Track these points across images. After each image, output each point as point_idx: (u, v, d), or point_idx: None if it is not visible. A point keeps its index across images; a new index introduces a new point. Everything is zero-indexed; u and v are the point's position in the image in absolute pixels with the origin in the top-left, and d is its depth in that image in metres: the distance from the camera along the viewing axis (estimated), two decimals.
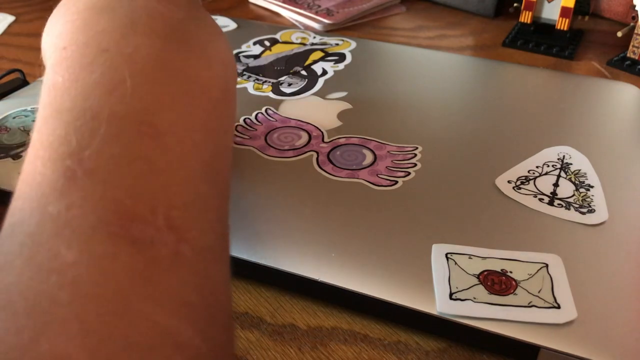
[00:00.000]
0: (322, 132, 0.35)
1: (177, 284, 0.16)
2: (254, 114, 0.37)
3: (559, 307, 0.24)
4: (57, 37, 0.21)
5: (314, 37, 0.48)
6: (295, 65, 0.44)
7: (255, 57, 0.45)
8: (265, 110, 0.38)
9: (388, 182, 0.31)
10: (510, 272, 0.25)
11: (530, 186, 0.31)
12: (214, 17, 0.52)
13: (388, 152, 0.33)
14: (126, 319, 0.14)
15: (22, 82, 0.42)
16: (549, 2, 0.49)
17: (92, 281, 0.14)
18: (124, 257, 0.15)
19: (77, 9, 0.21)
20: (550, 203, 0.30)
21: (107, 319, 0.14)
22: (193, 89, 0.20)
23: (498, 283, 0.25)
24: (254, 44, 0.47)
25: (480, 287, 0.25)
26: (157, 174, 0.17)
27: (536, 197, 0.30)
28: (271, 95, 0.40)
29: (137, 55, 0.19)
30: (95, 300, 0.14)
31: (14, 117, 0.37)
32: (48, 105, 0.19)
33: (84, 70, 0.19)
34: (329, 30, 0.54)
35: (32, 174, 0.17)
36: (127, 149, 0.17)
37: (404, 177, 0.31)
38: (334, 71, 0.42)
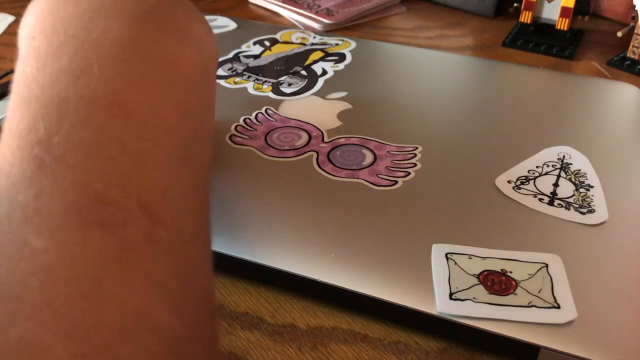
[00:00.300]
0: (322, 132, 0.35)
1: (152, 266, 0.15)
2: (254, 114, 0.37)
3: (559, 307, 0.24)
4: (26, 28, 0.20)
5: (314, 37, 0.48)
6: (295, 65, 0.44)
7: (255, 57, 0.45)
8: (265, 110, 0.38)
9: (388, 182, 0.31)
10: (510, 272, 0.25)
11: (530, 186, 0.31)
12: (214, 17, 0.52)
13: (388, 152, 0.33)
14: (98, 302, 0.14)
15: None
16: (549, 2, 0.49)
17: (62, 267, 0.14)
18: (95, 242, 0.15)
19: None
20: (550, 203, 0.30)
21: (78, 303, 0.14)
22: (166, 70, 0.20)
23: (498, 283, 0.25)
24: (254, 44, 0.47)
25: (480, 287, 0.25)
26: (129, 156, 0.17)
27: (536, 197, 0.30)
28: (271, 95, 0.40)
29: (105, 38, 0.19)
30: (66, 285, 0.14)
31: None
32: (16, 95, 0.18)
33: (51, 58, 0.18)
34: (329, 30, 0.54)
35: (2, 164, 0.17)
36: (96, 132, 0.17)
37: (404, 177, 0.31)
38: (334, 71, 0.42)
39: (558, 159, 0.33)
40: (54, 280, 0.14)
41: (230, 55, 0.45)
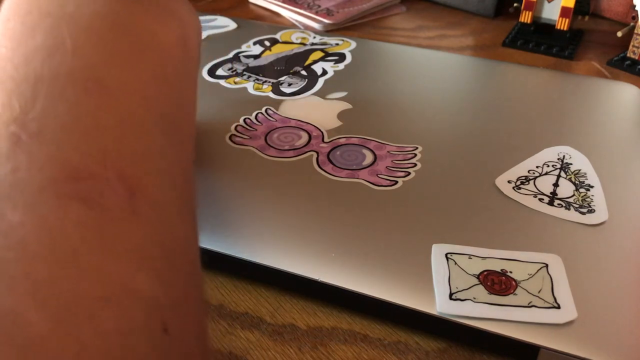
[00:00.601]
0: (322, 132, 0.35)
1: (132, 236, 0.15)
2: (254, 114, 0.37)
3: (559, 307, 0.24)
4: (2, 13, 0.20)
5: (314, 37, 0.48)
6: (295, 65, 0.44)
7: (255, 57, 0.45)
8: (265, 110, 0.38)
9: (388, 182, 0.31)
10: (510, 272, 0.25)
11: (530, 186, 0.31)
12: (214, 17, 0.52)
13: (388, 152, 0.33)
14: (77, 272, 0.14)
15: None
16: (549, 2, 0.49)
17: (39, 239, 0.14)
18: (73, 214, 0.15)
19: None
20: (550, 203, 0.30)
21: (56, 274, 0.14)
22: (143, 44, 0.20)
23: (498, 283, 0.25)
24: (254, 44, 0.47)
25: (480, 287, 0.25)
26: (106, 129, 0.17)
27: (536, 197, 0.30)
28: (271, 95, 0.40)
29: (79, 13, 0.19)
30: (44, 257, 0.14)
31: None
32: None
33: (25, 37, 0.18)
34: (329, 30, 0.54)
35: None
36: (72, 107, 0.17)
37: (404, 177, 0.31)
38: (334, 71, 0.42)
39: (558, 159, 0.33)
40: (31, 252, 0.14)
41: (230, 55, 0.45)
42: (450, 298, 0.24)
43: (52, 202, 0.15)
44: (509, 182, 0.31)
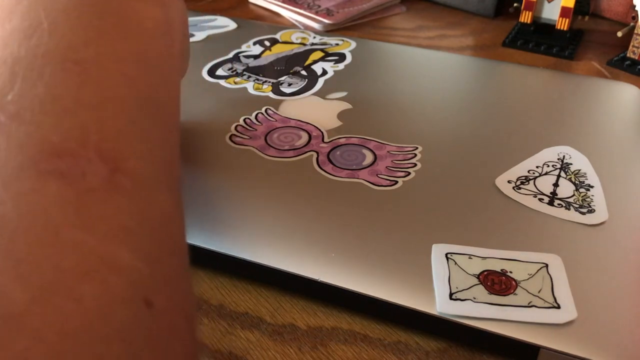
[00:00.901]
0: (322, 132, 0.35)
1: (113, 211, 0.16)
2: (254, 114, 0.37)
3: (559, 307, 0.24)
4: None
5: (314, 37, 0.48)
6: (295, 65, 0.44)
7: (255, 57, 0.45)
8: (265, 110, 0.38)
9: (388, 182, 0.31)
10: (510, 272, 0.25)
11: (530, 186, 0.31)
12: (214, 17, 0.52)
13: (388, 152, 0.33)
14: (57, 247, 0.14)
15: None
16: (549, 2, 0.49)
17: (19, 217, 0.14)
18: (53, 191, 0.15)
19: None
20: (550, 203, 0.30)
21: (36, 250, 0.14)
22: (124, 24, 0.20)
23: (498, 283, 0.25)
24: (254, 44, 0.47)
25: (480, 287, 0.25)
26: (85, 107, 0.17)
27: (536, 197, 0.30)
28: (271, 95, 0.40)
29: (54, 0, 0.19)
30: (24, 233, 0.14)
31: None
32: None
33: (2, 22, 0.18)
34: (329, 30, 0.54)
35: None
36: (50, 87, 0.17)
37: (404, 177, 0.31)
38: (334, 71, 0.42)
39: (558, 159, 0.33)
40: (10, 229, 0.14)
41: (230, 55, 0.45)
42: (450, 298, 0.24)
43: (32, 180, 0.15)
44: (509, 182, 0.31)
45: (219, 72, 0.42)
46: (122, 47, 0.19)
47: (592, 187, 0.31)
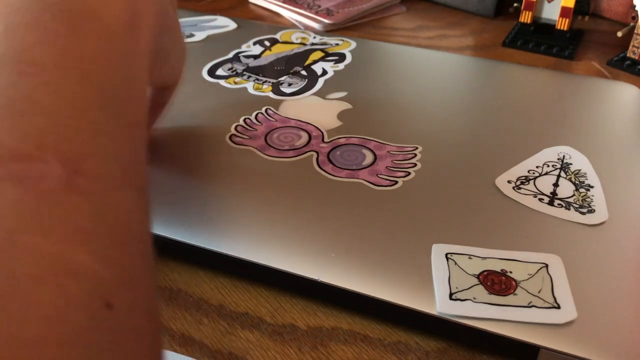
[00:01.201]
0: (322, 132, 0.35)
1: (72, 214, 0.15)
2: (254, 114, 0.37)
3: (559, 307, 0.24)
4: None
5: (314, 37, 0.48)
6: (295, 65, 0.44)
7: (255, 57, 0.45)
8: (265, 110, 0.38)
9: (388, 182, 0.31)
10: (510, 272, 0.25)
11: (530, 186, 0.31)
12: (214, 17, 0.52)
13: (388, 152, 0.33)
14: (11, 252, 0.14)
15: None
16: (549, 2, 0.49)
17: None
18: (9, 195, 0.15)
19: None
20: (550, 203, 0.30)
21: None
22: (82, 21, 0.19)
23: (498, 283, 0.25)
24: (254, 44, 0.47)
25: (480, 287, 0.25)
26: (42, 109, 0.17)
27: (536, 197, 0.30)
28: (271, 95, 0.40)
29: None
30: None
31: None
32: None
33: None
34: (329, 30, 0.54)
35: None
36: (6, 90, 0.17)
37: (404, 177, 0.31)
38: (334, 71, 0.42)
39: (558, 159, 0.33)
40: None
41: (230, 55, 0.45)
42: (450, 298, 0.24)
43: None
44: (509, 182, 0.31)
45: (219, 72, 0.42)
46: (79, 47, 0.19)
47: (592, 187, 0.31)
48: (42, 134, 0.16)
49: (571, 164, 0.32)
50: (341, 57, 0.44)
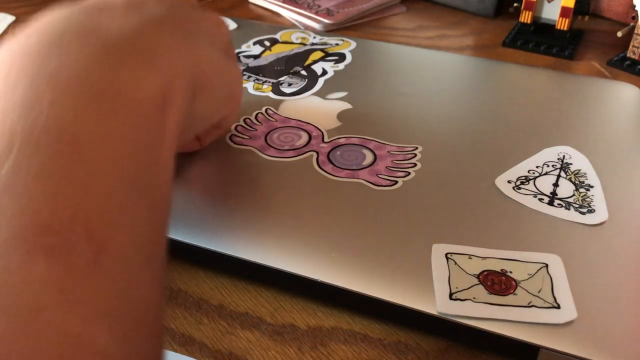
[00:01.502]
0: (322, 132, 0.35)
1: (94, 293, 0.16)
2: (254, 114, 0.37)
3: (559, 307, 0.24)
4: None
5: (314, 37, 0.48)
6: (295, 65, 0.44)
7: (255, 57, 0.45)
8: (265, 110, 0.38)
9: (388, 182, 0.31)
10: (510, 272, 0.25)
11: (530, 186, 0.31)
12: None
13: (388, 152, 0.33)
14: (38, 329, 0.14)
15: None
16: (549, 2, 0.49)
17: (2, 292, 0.14)
18: (38, 269, 0.15)
19: (13, 32, 0.21)
20: (550, 203, 0.30)
21: (17, 330, 0.14)
22: (116, 102, 0.20)
23: (498, 283, 0.25)
24: (254, 44, 0.47)
25: (480, 287, 0.25)
26: (76, 185, 0.17)
27: (536, 197, 0.30)
28: (271, 95, 0.40)
29: (60, 71, 0.19)
30: (6, 312, 0.14)
31: None
32: None
33: (4, 92, 0.19)
34: (329, 30, 0.54)
35: None
36: (44, 164, 0.17)
37: (404, 177, 0.31)
38: (334, 71, 0.42)
39: (558, 159, 0.33)
40: None
41: None
42: (450, 298, 0.24)
43: (18, 255, 0.15)
44: (509, 182, 0.31)
45: None
46: (117, 129, 0.19)
47: (592, 187, 0.31)
48: (74, 209, 0.17)
49: (571, 164, 0.32)
50: (341, 57, 0.44)
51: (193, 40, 0.25)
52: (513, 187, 0.31)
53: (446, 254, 0.26)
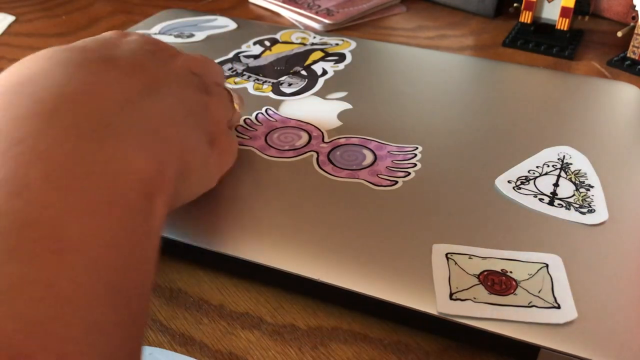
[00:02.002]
0: (322, 132, 0.35)
1: None
2: (254, 114, 0.37)
3: (559, 307, 0.24)
4: None
5: (314, 37, 0.48)
6: (295, 65, 0.44)
7: (255, 57, 0.45)
8: (265, 110, 0.38)
9: (388, 182, 0.31)
10: (510, 272, 0.25)
11: (530, 186, 0.31)
12: (213, 17, 0.51)
13: (388, 152, 0.33)
14: None
15: None
16: (549, 2, 0.49)
17: None
18: None
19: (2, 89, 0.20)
20: (550, 203, 0.30)
21: None
22: (106, 198, 0.18)
23: (498, 283, 0.25)
24: (254, 44, 0.47)
25: (480, 287, 0.25)
26: (56, 300, 0.16)
27: (536, 197, 0.30)
28: (271, 95, 0.40)
29: (51, 153, 0.18)
30: None
31: None
32: None
33: None
34: (329, 30, 0.54)
35: None
36: (26, 267, 0.15)
37: (404, 177, 0.31)
38: (334, 71, 0.42)
39: (558, 159, 0.33)
40: None
41: (230, 55, 0.45)
42: (451, 298, 0.24)
43: None
44: (509, 182, 0.31)
45: None
46: (101, 228, 0.18)
47: (592, 187, 0.31)
48: (50, 331, 0.15)
49: (571, 164, 0.32)
50: (341, 57, 0.44)
51: (184, 123, 0.23)
52: (513, 187, 0.31)
53: (446, 254, 0.26)
